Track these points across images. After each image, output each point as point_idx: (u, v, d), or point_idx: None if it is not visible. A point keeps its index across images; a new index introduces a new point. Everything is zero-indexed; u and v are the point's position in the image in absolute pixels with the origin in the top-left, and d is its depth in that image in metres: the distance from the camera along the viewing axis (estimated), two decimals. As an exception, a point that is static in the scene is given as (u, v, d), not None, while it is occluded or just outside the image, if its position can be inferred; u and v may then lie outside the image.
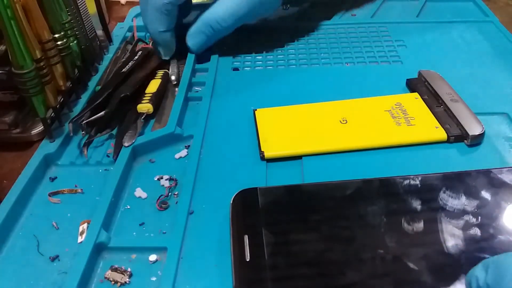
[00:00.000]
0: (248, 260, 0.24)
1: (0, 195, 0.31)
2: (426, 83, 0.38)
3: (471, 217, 0.26)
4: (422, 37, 0.47)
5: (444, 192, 0.27)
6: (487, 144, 0.33)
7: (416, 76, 0.39)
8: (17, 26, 0.30)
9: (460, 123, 0.33)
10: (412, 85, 0.39)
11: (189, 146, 0.35)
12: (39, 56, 0.33)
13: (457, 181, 0.28)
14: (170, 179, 0.32)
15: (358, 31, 0.49)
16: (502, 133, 0.34)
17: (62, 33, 0.36)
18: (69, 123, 0.35)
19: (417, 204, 0.27)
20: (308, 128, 0.35)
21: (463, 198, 0.27)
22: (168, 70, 0.43)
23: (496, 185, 0.28)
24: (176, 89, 0.40)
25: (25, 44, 0.31)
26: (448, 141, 0.33)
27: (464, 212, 0.26)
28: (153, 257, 0.27)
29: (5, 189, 0.31)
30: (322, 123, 0.35)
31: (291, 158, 0.33)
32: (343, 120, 0.35)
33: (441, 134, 0.33)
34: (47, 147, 0.34)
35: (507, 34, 0.46)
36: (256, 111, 0.37)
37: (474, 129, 0.33)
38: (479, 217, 0.26)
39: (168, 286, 0.25)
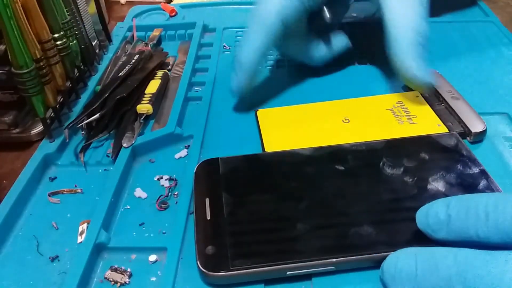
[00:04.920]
0: (208, 218, 0.27)
1: (0, 195, 0.31)
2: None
3: (409, 175, 0.29)
4: (422, 37, 0.47)
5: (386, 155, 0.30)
6: (487, 144, 0.33)
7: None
8: (16, 26, 0.30)
9: (462, 120, 0.33)
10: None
11: (189, 146, 0.35)
12: (38, 56, 0.33)
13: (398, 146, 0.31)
14: (170, 179, 0.32)
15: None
16: (502, 133, 0.34)
17: (61, 33, 0.36)
18: (65, 129, 0.34)
19: (360, 165, 0.30)
20: (310, 128, 0.34)
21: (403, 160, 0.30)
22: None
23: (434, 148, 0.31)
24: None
25: (24, 44, 0.31)
26: (449, 139, 0.33)
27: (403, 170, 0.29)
28: (153, 257, 0.26)
29: (5, 189, 0.31)
30: (325, 123, 0.35)
31: (291, 158, 0.33)
32: (346, 120, 0.35)
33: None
34: (46, 147, 0.34)
35: (507, 34, 0.46)
36: (257, 112, 0.37)
37: (476, 126, 0.32)
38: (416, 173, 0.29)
39: (168, 286, 0.25)
